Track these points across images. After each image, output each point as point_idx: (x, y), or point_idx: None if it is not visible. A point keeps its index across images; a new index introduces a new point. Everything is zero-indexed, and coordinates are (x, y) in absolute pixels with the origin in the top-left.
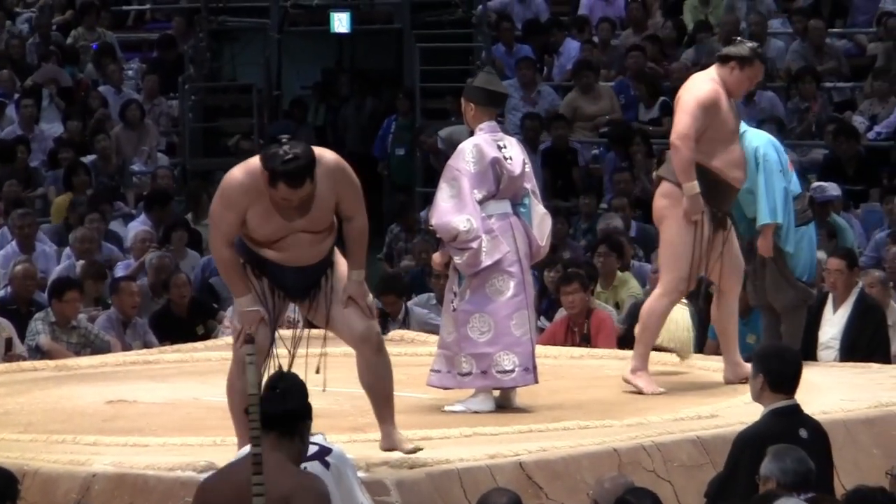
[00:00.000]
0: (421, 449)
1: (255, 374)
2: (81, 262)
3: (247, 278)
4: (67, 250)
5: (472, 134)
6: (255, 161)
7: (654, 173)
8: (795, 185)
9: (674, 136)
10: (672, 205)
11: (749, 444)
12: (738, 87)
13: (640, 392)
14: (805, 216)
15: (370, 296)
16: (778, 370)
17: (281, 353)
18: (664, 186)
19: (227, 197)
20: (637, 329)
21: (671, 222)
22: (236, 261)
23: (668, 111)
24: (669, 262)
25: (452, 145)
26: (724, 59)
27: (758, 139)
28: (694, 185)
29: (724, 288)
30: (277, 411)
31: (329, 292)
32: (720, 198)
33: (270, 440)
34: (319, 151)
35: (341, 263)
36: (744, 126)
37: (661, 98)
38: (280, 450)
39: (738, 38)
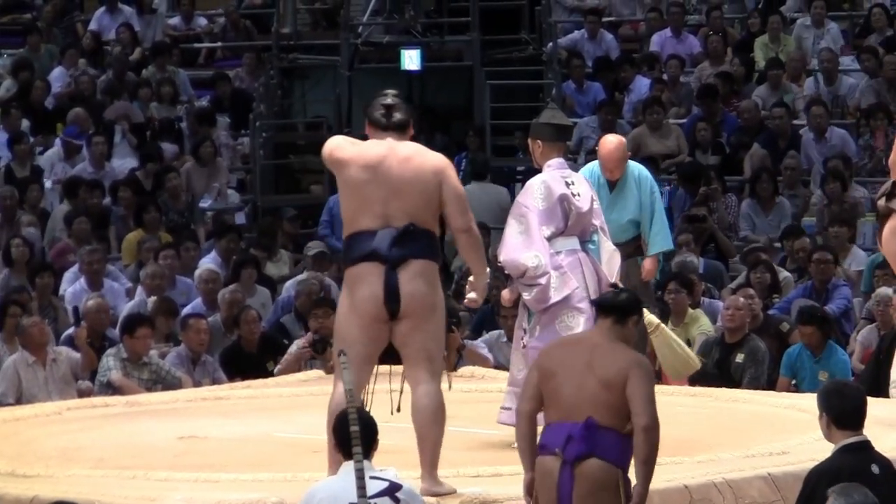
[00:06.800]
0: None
1: (350, 375)
2: (153, 298)
3: None
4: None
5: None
6: None
7: (882, 204)
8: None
9: None
10: None
11: (822, 480)
12: None
13: None
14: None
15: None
16: (839, 406)
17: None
18: None
19: None
20: None
21: None
22: None
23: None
24: None
25: None
26: None
27: (643, 169)
28: None
29: None
30: (614, 302)
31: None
32: None
33: (607, 324)
34: None
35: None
36: None
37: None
38: (613, 333)
39: None
